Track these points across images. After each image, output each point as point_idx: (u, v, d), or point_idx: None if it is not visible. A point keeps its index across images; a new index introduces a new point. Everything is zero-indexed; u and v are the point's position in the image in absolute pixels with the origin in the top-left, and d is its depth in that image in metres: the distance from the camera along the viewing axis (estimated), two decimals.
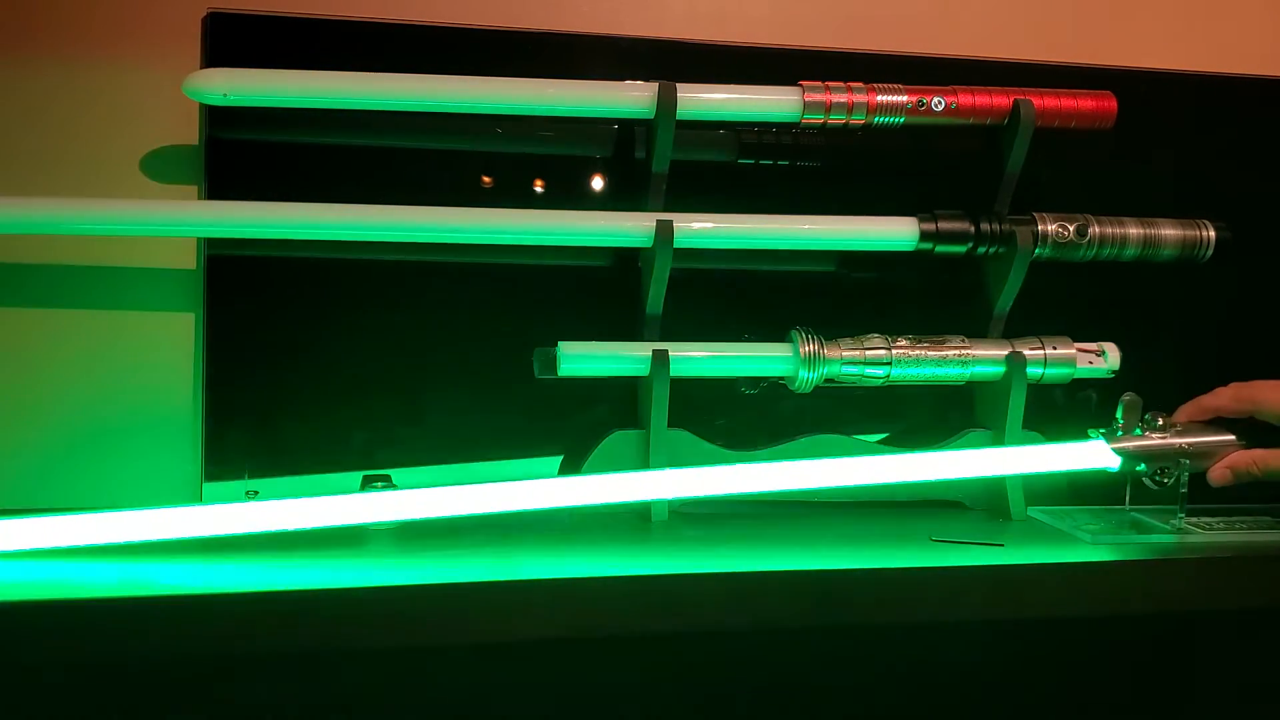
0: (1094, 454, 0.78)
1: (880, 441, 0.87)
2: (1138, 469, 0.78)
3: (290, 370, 0.82)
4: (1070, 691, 0.91)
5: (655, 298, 0.80)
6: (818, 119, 0.80)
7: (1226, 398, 0.77)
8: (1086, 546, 0.76)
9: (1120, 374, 0.84)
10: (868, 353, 0.81)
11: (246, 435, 0.82)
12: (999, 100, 0.82)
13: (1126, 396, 0.78)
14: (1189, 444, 0.77)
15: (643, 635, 0.67)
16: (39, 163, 0.79)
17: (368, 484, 0.77)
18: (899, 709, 0.89)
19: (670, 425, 0.80)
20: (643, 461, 0.81)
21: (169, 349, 0.81)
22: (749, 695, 0.86)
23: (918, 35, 0.90)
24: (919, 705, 0.89)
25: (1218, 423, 0.78)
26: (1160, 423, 0.78)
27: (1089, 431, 0.78)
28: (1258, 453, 0.76)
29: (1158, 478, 0.78)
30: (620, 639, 0.66)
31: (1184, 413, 0.79)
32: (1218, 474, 0.77)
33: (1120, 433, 0.77)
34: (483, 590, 0.65)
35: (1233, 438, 0.77)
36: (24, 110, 0.79)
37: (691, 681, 0.85)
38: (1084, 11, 0.93)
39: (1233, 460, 0.77)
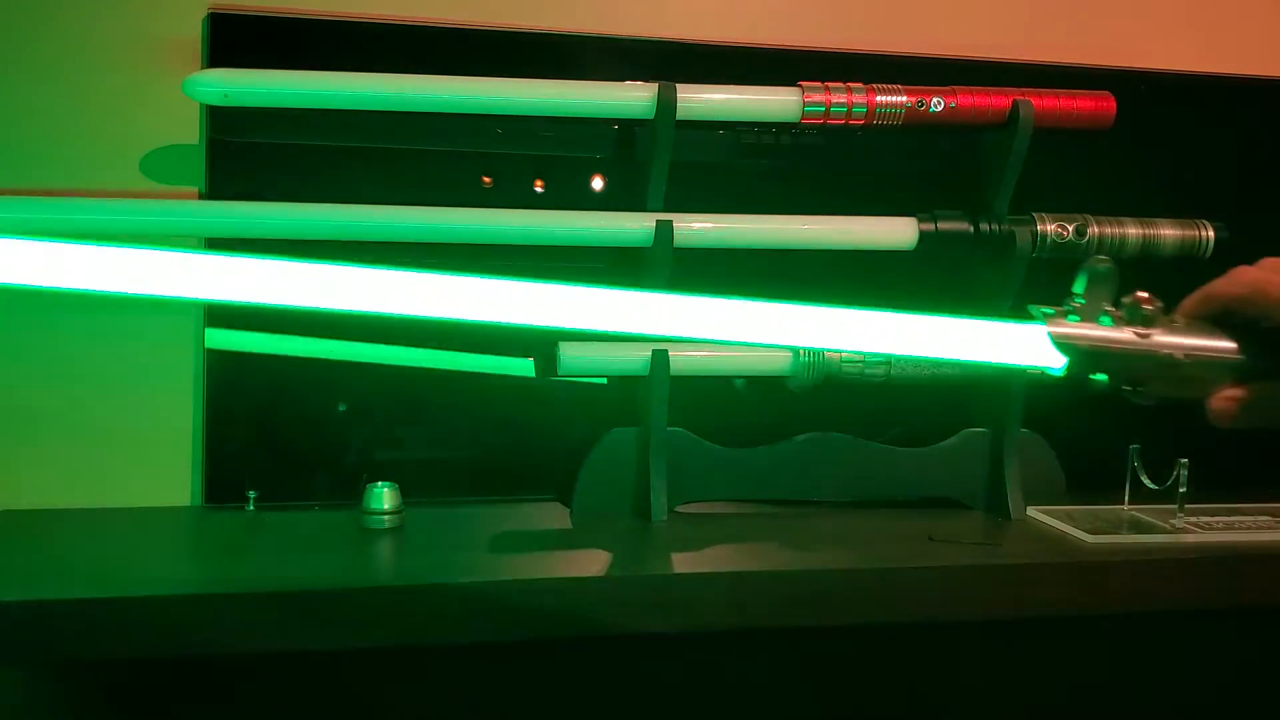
0: (1024, 342, 0.50)
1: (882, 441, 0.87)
2: (1095, 378, 0.50)
3: (290, 370, 0.82)
4: (1070, 691, 0.91)
5: None
6: (817, 119, 0.80)
7: (1245, 282, 0.48)
8: (1086, 546, 0.76)
9: None
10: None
11: (247, 438, 0.82)
12: (998, 100, 0.82)
13: (1097, 263, 0.50)
14: (1179, 347, 0.48)
15: (643, 635, 0.67)
16: (39, 162, 0.79)
17: (371, 487, 0.77)
18: (899, 709, 0.89)
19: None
20: (642, 460, 0.81)
21: (169, 350, 0.81)
22: (749, 695, 0.86)
23: (918, 35, 0.90)
24: (919, 705, 0.89)
25: (1231, 325, 0.49)
26: (1147, 310, 0.49)
27: (1029, 308, 0.51)
28: None
29: (1133, 393, 0.50)
30: (620, 639, 0.66)
31: (1188, 305, 0.51)
32: (1220, 404, 0.48)
33: (1075, 316, 0.49)
34: (483, 590, 0.65)
35: (1231, 349, 0.49)
36: (24, 110, 0.79)
37: (691, 681, 0.85)
38: (1083, 11, 0.93)
39: (1254, 390, 0.48)
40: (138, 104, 0.80)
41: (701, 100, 0.79)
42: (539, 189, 0.85)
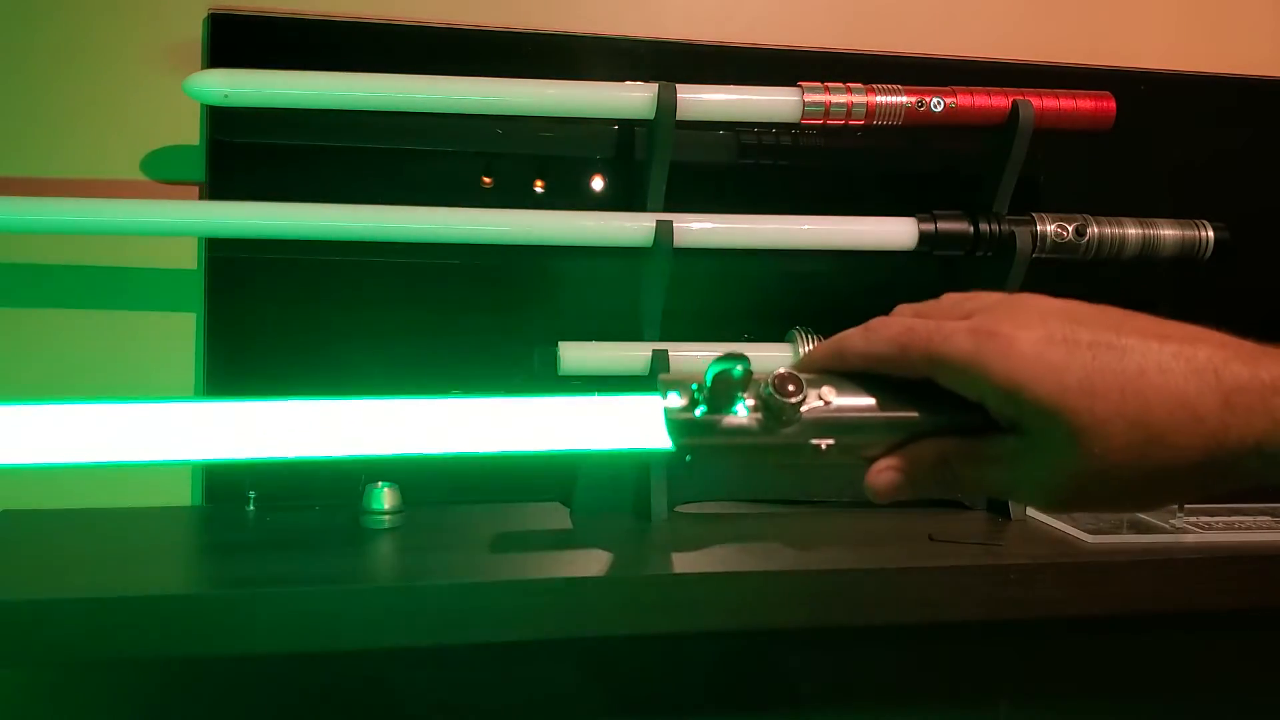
0: (643, 418, 0.42)
1: None
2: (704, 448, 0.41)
3: (290, 370, 0.82)
4: (1070, 690, 0.91)
5: (655, 298, 0.80)
6: (817, 119, 0.80)
7: (888, 339, 0.41)
8: (1086, 546, 0.76)
9: None
10: None
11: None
12: (998, 100, 0.82)
13: (734, 360, 0.39)
14: (821, 428, 0.41)
15: (643, 635, 0.67)
16: (40, 162, 0.79)
17: (370, 487, 0.77)
18: (899, 709, 0.89)
19: None
20: (643, 460, 0.81)
21: (169, 349, 0.81)
22: (749, 695, 0.86)
23: (918, 35, 0.90)
24: (919, 705, 0.89)
25: (876, 381, 0.42)
26: (787, 399, 0.40)
27: (659, 381, 0.42)
28: (949, 443, 0.41)
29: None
30: (620, 639, 0.66)
31: (815, 359, 0.43)
32: (881, 478, 0.41)
33: (704, 406, 0.41)
34: (482, 590, 0.65)
35: (926, 418, 0.41)
36: (25, 110, 0.79)
37: (692, 681, 0.85)
38: (1084, 12, 0.93)
39: (904, 460, 0.41)
40: (138, 104, 0.80)
41: (701, 100, 0.79)
42: (539, 189, 0.85)
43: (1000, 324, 0.38)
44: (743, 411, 0.41)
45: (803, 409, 0.40)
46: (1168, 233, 0.84)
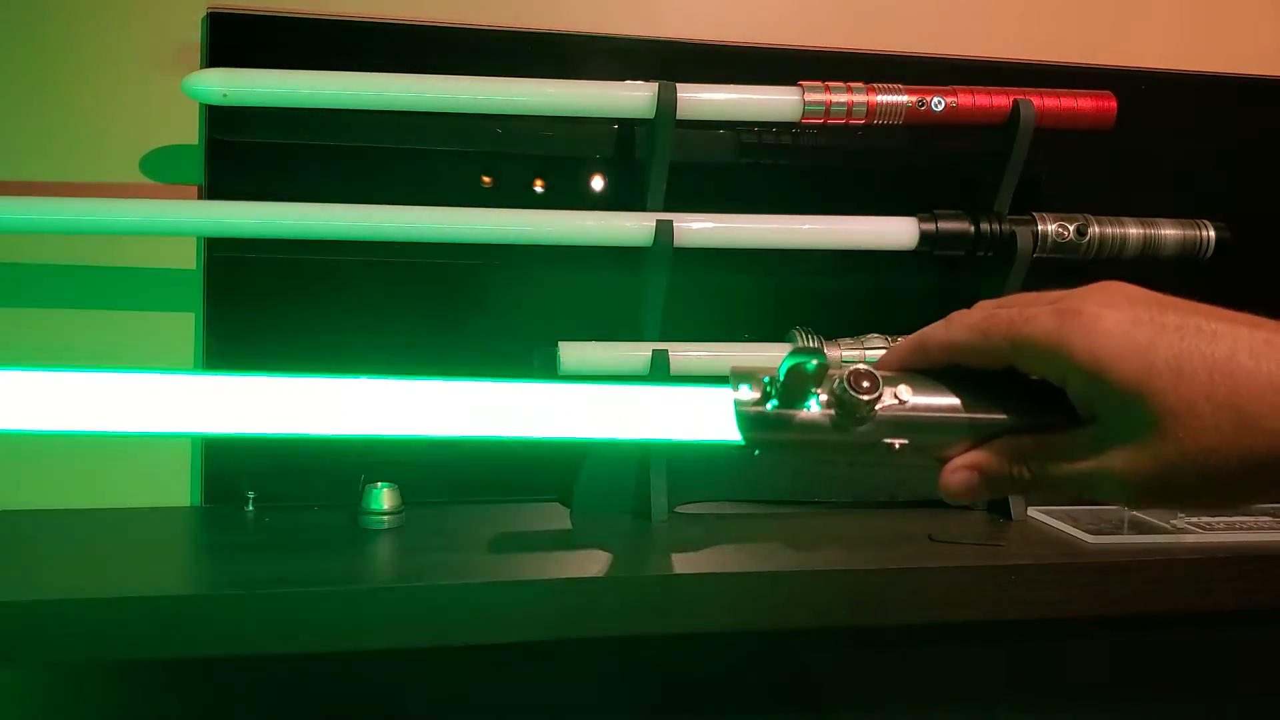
0: (708, 410, 0.42)
1: None
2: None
3: (290, 371, 0.82)
4: (1070, 691, 0.91)
5: (655, 297, 0.80)
6: (818, 119, 0.80)
7: (970, 326, 0.40)
8: (1086, 546, 0.76)
9: None
10: (867, 352, 0.81)
11: (247, 438, 0.82)
12: (999, 100, 0.82)
13: (807, 355, 0.39)
14: (896, 429, 0.40)
15: (643, 635, 0.67)
16: (39, 162, 0.79)
17: (370, 488, 0.77)
18: (900, 708, 0.89)
19: None
20: (643, 460, 0.81)
21: (169, 349, 0.81)
22: (749, 695, 0.86)
23: (918, 35, 0.90)
24: (919, 705, 0.89)
25: (952, 378, 0.41)
26: (861, 396, 0.39)
27: (731, 372, 0.42)
28: (1025, 441, 0.40)
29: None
30: (620, 639, 0.66)
31: (895, 356, 0.43)
32: (955, 478, 0.40)
33: (775, 401, 0.41)
34: (482, 590, 0.65)
35: (1003, 416, 0.40)
36: (24, 109, 0.79)
37: (692, 681, 0.85)
38: (1084, 11, 0.93)
39: (980, 459, 0.40)
40: (137, 104, 0.80)
41: (701, 100, 0.79)
42: (539, 189, 0.85)
43: (1085, 304, 0.37)
44: (815, 407, 0.40)
45: (877, 407, 0.40)
46: (1168, 232, 0.84)
